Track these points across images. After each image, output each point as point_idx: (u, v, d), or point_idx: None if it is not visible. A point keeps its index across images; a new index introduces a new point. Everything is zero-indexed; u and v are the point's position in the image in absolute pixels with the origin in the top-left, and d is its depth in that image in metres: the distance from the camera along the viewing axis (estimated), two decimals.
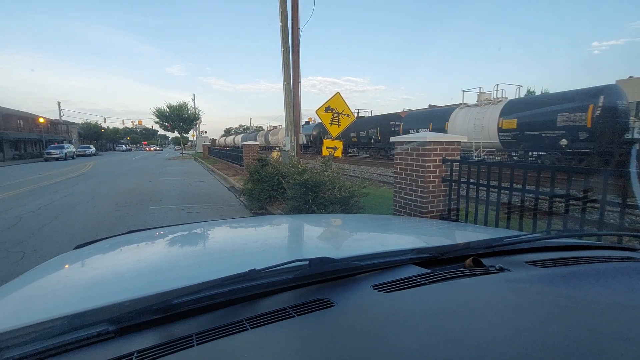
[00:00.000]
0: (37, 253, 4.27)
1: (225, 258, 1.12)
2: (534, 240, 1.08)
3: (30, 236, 5.06)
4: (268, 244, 1.32)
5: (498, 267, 0.86)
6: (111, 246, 1.36)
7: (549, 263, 0.92)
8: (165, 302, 0.65)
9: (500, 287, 0.76)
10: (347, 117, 6.10)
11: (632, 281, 0.79)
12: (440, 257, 0.96)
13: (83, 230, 5.33)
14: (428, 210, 3.61)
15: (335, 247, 1.32)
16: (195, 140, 49.37)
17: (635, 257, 1.00)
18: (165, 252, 1.32)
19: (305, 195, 4.58)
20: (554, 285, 0.75)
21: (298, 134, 8.10)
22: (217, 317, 0.67)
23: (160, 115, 34.86)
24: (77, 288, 0.93)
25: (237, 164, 14.74)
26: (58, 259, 1.25)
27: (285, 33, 7.73)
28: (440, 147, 3.57)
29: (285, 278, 0.77)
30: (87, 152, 39.41)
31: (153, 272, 1.00)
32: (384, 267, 0.88)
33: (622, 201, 2.22)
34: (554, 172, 2.65)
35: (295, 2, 7.65)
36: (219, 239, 1.52)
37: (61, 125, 50.18)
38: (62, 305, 0.79)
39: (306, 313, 0.66)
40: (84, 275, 1.08)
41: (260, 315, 0.66)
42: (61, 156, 30.24)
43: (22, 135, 37.17)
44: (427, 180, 3.56)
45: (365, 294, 0.74)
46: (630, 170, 1.94)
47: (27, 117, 39.14)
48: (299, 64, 7.79)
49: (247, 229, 1.66)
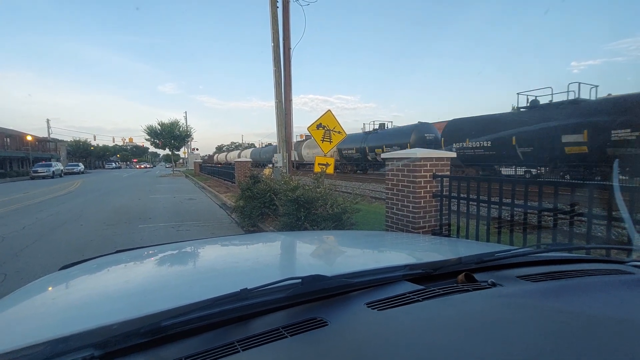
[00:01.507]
0: (20, 275, 4.12)
1: (216, 277, 1.10)
2: (524, 254, 1.09)
3: (13, 257, 4.89)
4: (260, 262, 1.30)
5: (490, 282, 0.86)
6: (98, 267, 1.33)
7: (540, 277, 0.93)
8: (154, 325, 0.64)
9: (493, 302, 0.76)
10: (338, 134, 6.18)
11: (621, 294, 0.80)
12: (433, 273, 0.96)
13: (69, 251, 5.17)
14: (420, 225, 3.62)
15: (328, 264, 1.31)
16: (187, 158, 49.15)
17: (623, 269, 1.02)
18: (154, 272, 1.29)
19: (297, 211, 4.56)
20: (546, 300, 0.76)
21: (290, 150, 8.15)
22: (207, 339, 0.65)
23: (152, 132, 34.77)
24: (62, 311, 0.90)
25: (229, 180, 14.66)
26: (42, 281, 1.21)
27: (277, 53, 7.90)
28: (430, 163, 3.63)
29: (277, 297, 0.76)
30: (76, 170, 38.78)
31: (141, 292, 0.98)
32: (377, 284, 0.88)
33: (608, 214, 2.27)
34: (541, 186, 2.71)
35: (286, 24, 7.87)
36: (209, 257, 1.50)
37: (49, 143, 49.55)
38: (45, 329, 0.76)
39: (299, 333, 0.65)
40: (69, 297, 1.04)
41: (252, 336, 0.64)
42: (48, 174, 29.70)
43: (8, 153, 36.51)
44: (419, 195, 3.59)
45: (359, 312, 0.73)
46: (614, 184, 2.00)
47: (15, 134, 38.58)
48: (290, 83, 7.93)
49: (238, 246, 1.64)
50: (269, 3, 7.79)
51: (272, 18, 7.78)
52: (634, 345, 0.55)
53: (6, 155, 36.06)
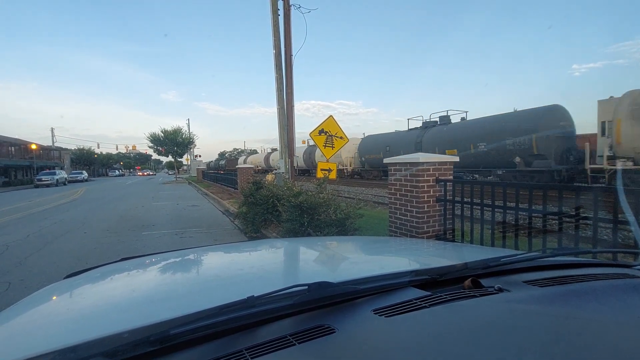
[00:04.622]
0: (24, 283, 4.13)
1: (222, 285, 1.10)
2: (530, 259, 1.08)
3: (17, 265, 4.90)
4: (265, 269, 1.30)
5: (497, 288, 0.86)
6: (103, 275, 1.33)
7: (546, 282, 0.92)
8: (163, 333, 0.64)
9: (500, 308, 0.76)
10: (340, 140, 6.19)
11: (629, 298, 0.79)
12: (439, 279, 0.95)
13: (73, 259, 5.18)
14: (424, 230, 3.61)
15: (334, 270, 1.31)
16: (190, 165, 49.39)
17: (630, 273, 1.01)
18: (159, 280, 1.29)
19: (300, 217, 4.56)
20: (553, 305, 0.76)
21: (292, 156, 8.17)
22: (215, 348, 0.65)
23: (155, 140, 35.02)
24: (69, 320, 0.90)
25: (231, 187, 14.69)
26: (47, 290, 1.22)
27: (278, 60, 7.97)
28: (433, 168, 3.63)
29: (284, 304, 0.75)
30: (79, 178, 38.99)
31: (148, 301, 0.98)
32: (384, 290, 0.88)
33: (614, 218, 2.26)
34: (545, 190, 2.69)
35: (287, 31, 7.95)
36: (214, 265, 1.50)
37: (53, 152, 49.94)
38: (52, 338, 0.76)
39: (307, 340, 0.64)
40: (76, 306, 1.05)
41: (260, 344, 0.64)
42: (52, 182, 29.88)
43: (13, 162, 36.81)
44: (422, 200, 3.58)
45: (365, 318, 0.73)
46: (618, 187, 1.99)
47: (19, 143, 38.93)
48: (292, 89, 7.98)
49: (243, 254, 1.64)
50: (270, 11, 7.88)
51: (273, 26, 7.87)
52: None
53: (11, 164, 36.35)
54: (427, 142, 16.84)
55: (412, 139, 17.78)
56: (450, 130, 16.28)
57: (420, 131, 17.82)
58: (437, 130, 16.87)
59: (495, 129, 13.76)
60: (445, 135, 16.19)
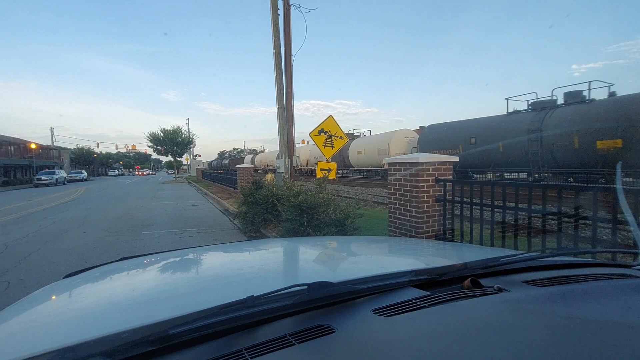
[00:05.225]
0: (23, 283, 4.12)
1: (222, 285, 1.10)
2: (530, 259, 1.08)
3: (16, 265, 4.89)
4: (265, 269, 1.30)
5: (496, 288, 0.86)
6: (103, 274, 1.33)
7: (546, 282, 0.92)
8: (162, 333, 0.64)
9: (500, 308, 0.76)
10: (340, 139, 6.19)
11: (629, 298, 0.79)
12: (439, 279, 0.95)
13: (72, 258, 5.18)
14: (423, 230, 3.61)
15: (333, 270, 1.31)
16: (189, 164, 49.37)
17: (629, 273, 1.01)
18: (159, 279, 1.29)
19: (300, 217, 4.56)
20: (553, 305, 0.76)
21: (292, 156, 8.17)
22: (215, 347, 0.65)
23: (154, 139, 35.03)
24: (68, 320, 0.90)
25: (231, 186, 14.68)
26: (47, 289, 1.21)
27: (278, 60, 7.96)
28: (433, 168, 3.63)
29: (284, 304, 0.76)
30: (79, 178, 38.93)
31: (147, 300, 0.98)
32: (383, 290, 0.88)
33: (613, 217, 2.26)
34: (544, 189, 2.69)
35: (287, 31, 7.95)
36: (214, 264, 1.50)
37: (53, 151, 49.84)
38: (51, 338, 0.76)
39: (306, 340, 0.64)
40: (75, 305, 1.04)
41: (259, 344, 0.64)
42: (51, 182, 29.81)
43: (12, 161, 36.73)
44: (422, 200, 3.58)
45: (365, 318, 0.73)
46: (617, 186, 1.99)
47: (18, 142, 38.85)
48: (292, 88, 7.98)
49: (242, 253, 1.64)
50: (270, 11, 7.87)
51: (273, 25, 7.86)
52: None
53: (10, 163, 36.27)
54: (553, 127, 10.76)
55: (520, 126, 11.79)
56: (596, 109, 10.04)
57: (536, 114, 11.61)
58: (572, 112, 10.62)
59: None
60: (590, 116, 9.93)
